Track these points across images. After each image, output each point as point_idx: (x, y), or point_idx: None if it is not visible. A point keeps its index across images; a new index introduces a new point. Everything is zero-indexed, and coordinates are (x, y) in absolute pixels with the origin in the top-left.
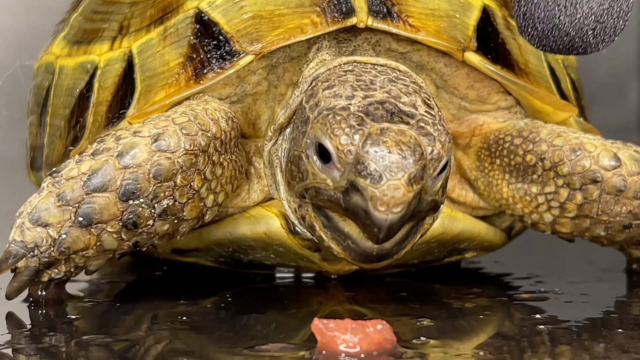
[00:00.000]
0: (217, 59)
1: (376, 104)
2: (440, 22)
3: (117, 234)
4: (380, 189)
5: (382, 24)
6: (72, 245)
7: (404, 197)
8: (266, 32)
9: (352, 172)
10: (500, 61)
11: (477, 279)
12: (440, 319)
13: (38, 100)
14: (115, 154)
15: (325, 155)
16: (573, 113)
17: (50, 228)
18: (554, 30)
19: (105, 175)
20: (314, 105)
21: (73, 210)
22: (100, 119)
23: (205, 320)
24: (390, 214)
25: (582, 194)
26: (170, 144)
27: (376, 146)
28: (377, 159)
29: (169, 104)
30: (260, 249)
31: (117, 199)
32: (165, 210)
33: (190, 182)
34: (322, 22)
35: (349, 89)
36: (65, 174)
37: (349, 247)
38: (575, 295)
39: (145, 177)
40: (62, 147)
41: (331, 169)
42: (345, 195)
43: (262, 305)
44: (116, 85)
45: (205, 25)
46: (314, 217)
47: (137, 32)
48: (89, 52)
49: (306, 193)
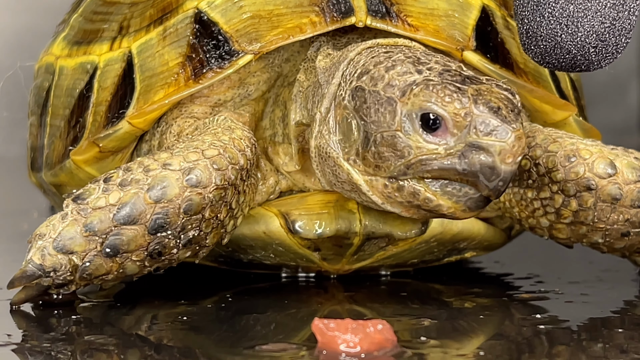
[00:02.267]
0: (216, 59)
1: (445, 73)
2: (439, 22)
3: (141, 262)
4: (508, 141)
5: (381, 24)
6: (94, 272)
7: (525, 144)
8: (265, 32)
9: (473, 133)
10: (499, 60)
11: (477, 278)
12: (441, 319)
13: (38, 101)
14: (145, 187)
15: (432, 125)
16: (572, 112)
17: (74, 255)
18: (556, 48)
19: (135, 209)
20: (387, 86)
21: (99, 240)
22: (100, 119)
23: (205, 320)
24: (514, 165)
25: (576, 200)
26: (202, 180)
27: (487, 104)
28: (494, 115)
29: (168, 104)
30: (259, 249)
31: (145, 232)
32: (190, 240)
33: (217, 214)
34: (320, 22)
35: (410, 65)
36: (92, 203)
37: (465, 195)
38: (575, 295)
39: (176, 211)
40: (62, 147)
41: (441, 136)
42: (463, 159)
43: (262, 305)
44: (116, 86)
45: (204, 25)
46: (417, 182)
47: (136, 33)
48: (89, 52)
49: (408, 169)
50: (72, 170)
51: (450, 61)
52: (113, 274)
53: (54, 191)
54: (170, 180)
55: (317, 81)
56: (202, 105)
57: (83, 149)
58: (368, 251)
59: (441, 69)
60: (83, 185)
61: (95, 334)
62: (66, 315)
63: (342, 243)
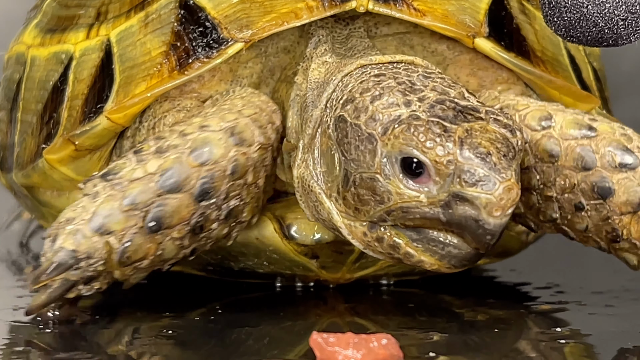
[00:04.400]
0: (203, 48)
1: (438, 105)
2: (447, 6)
3: (181, 241)
4: (495, 193)
5: (384, 8)
6: (132, 254)
7: (517, 196)
8: (257, 18)
9: (456, 183)
10: (515, 48)
11: (491, 288)
12: (451, 332)
13: (8, 94)
14: (187, 151)
15: (414, 170)
16: (595, 105)
17: (112, 236)
18: (582, 20)
19: (180, 174)
20: (370, 120)
21: (141, 215)
22: (76, 114)
23: (192, 334)
24: (504, 217)
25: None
26: (246, 138)
27: (475, 150)
28: (481, 163)
29: (150, 97)
30: (252, 256)
31: (190, 200)
32: (231, 212)
33: (257, 180)
34: (318, 6)
35: (399, 95)
36: (127, 176)
37: (449, 254)
38: (599, 306)
39: (222, 174)
40: (34, 145)
41: (424, 183)
42: (446, 209)
43: (254, 318)
44: (93, 77)
45: (190, 11)
46: (396, 235)
47: (115, 19)
48: (64, 41)
49: (388, 216)
50: (46, 170)
51: (452, 84)
52: (149, 258)
53: (25, 194)
54: (213, 141)
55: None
56: (193, 100)
57: (57, 147)
58: (371, 258)
59: (435, 99)
60: (58, 187)
61: (69, 350)
62: (40, 330)
63: (343, 249)
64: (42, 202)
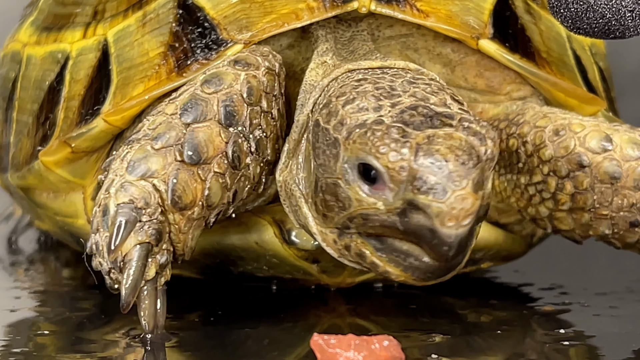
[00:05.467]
0: (202, 49)
1: (409, 111)
2: (451, 6)
3: (223, 178)
4: (447, 202)
5: (386, 9)
6: (182, 194)
7: (472, 206)
8: (257, 19)
9: (409, 190)
10: (520, 49)
11: (494, 290)
12: (453, 334)
13: (3, 93)
14: (199, 85)
15: (372, 176)
16: (601, 107)
17: (154, 178)
18: (589, 11)
19: (199, 103)
20: (338, 124)
21: (177, 149)
22: (73, 116)
23: (191, 336)
24: (460, 228)
25: (571, 182)
26: (251, 62)
27: (430, 157)
28: (435, 170)
29: (148, 100)
30: (251, 260)
31: (219, 127)
32: (258, 144)
33: (271, 109)
34: (319, 7)
35: (372, 99)
36: (149, 126)
37: (411, 266)
38: (603, 308)
39: (239, 97)
40: (30, 146)
41: (381, 190)
42: (403, 217)
43: (254, 319)
44: (90, 78)
45: (189, 11)
46: (362, 244)
47: (113, 18)
48: (60, 40)
49: (351, 222)
50: (42, 172)
51: (437, 91)
52: (198, 205)
53: (21, 195)
54: (220, 71)
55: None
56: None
57: (53, 149)
58: None
59: (409, 104)
60: (54, 189)
61: (65, 352)
62: (37, 330)
63: None
64: (38, 203)
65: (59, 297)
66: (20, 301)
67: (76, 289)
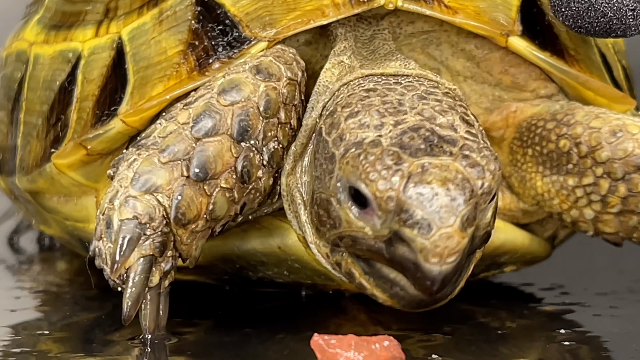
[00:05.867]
0: (224, 47)
1: (410, 132)
2: (479, 2)
3: (230, 192)
4: (431, 239)
5: (414, 5)
6: (187, 210)
7: (458, 245)
8: (280, 15)
9: (396, 221)
10: (549, 47)
11: (495, 290)
12: (454, 334)
13: (8, 93)
14: (215, 94)
15: (362, 200)
16: (631, 106)
17: (159, 194)
18: (590, 10)
19: (213, 116)
20: (337, 138)
21: (184, 164)
22: (87, 117)
23: (206, 345)
24: (445, 265)
25: (625, 185)
26: (273, 72)
27: (420, 188)
28: (422, 204)
29: (169, 99)
30: (272, 265)
31: (230, 142)
32: (272, 156)
33: (290, 120)
34: (344, 3)
35: (375, 115)
36: (159, 133)
37: (396, 295)
38: (604, 307)
39: (255, 111)
40: (40, 148)
41: (370, 215)
42: (389, 246)
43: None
44: (104, 77)
45: (208, 8)
46: (351, 263)
47: (127, 16)
48: (70, 38)
49: (340, 242)
50: (54, 175)
51: (448, 109)
52: (203, 218)
53: (28, 199)
54: (240, 79)
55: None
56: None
57: (68, 151)
58: None
59: (412, 124)
60: (65, 192)
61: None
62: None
63: None
64: (47, 208)
65: (59, 297)
66: (21, 301)
67: (77, 289)
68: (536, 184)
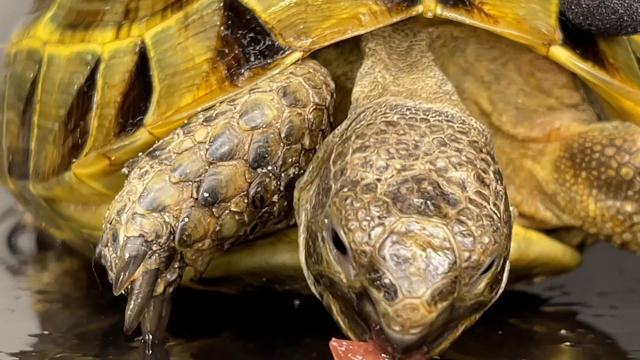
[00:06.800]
0: (256, 56)
1: (412, 183)
2: (518, 9)
3: (240, 215)
4: (393, 307)
5: (453, 13)
6: (193, 232)
7: (423, 319)
8: (315, 23)
9: (366, 278)
10: (590, 56)
11: None
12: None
13: (19, 93)
14: (236, 115)
15: (342, 246)
16: None
17: (166, 213)
18: (600, 7)
19: (231, 140)
20: (339, 171)
21: (194, 185)
22: (109, 125)
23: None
24: (407, 335)
25: None
26: (300, 98)
27: (396, 249)
28: (393, 268)
29: (200, 111)
30: (301, 279)
31: (245, 167)
32: (291, 181)
33: (315, 146)
34: (382, 12)
35: (383, 155)
36: (174, 148)
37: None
38: (604, 308)
39: (276, 138)
40: (57, 155)
41: (347, 263)
42: (359, 300)
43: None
44: (127, 84)
45: (237, 13)
46: (331, 299)
47: (149, 18)
48: (88, 39)
49: (321, 278)
50: (73, 184)
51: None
52: (209, 237)
53: (42, 204)
54: (265, 102)
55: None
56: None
57: (90, 161)
58: None
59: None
60: (84, 201)
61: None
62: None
63: None
64: (63, 215)
65: (59, 298)
66: (21, 301)
67: (76, 289)
68: (588, 207)
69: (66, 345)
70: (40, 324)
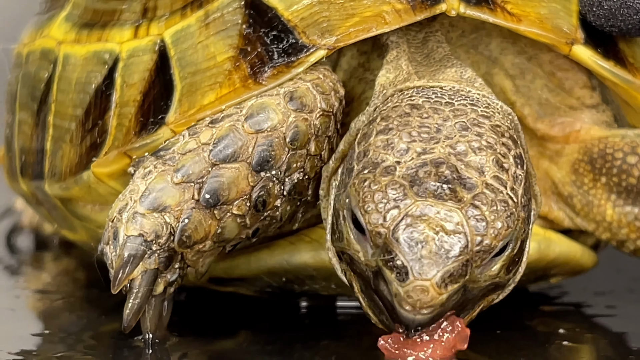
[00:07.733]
0: (279, 54)
1: (430, 167)
2: (540, 8)
3: (242, 218)
4: (404, 288)
5: (477, 12)
6: (193, 233)
7: (433, 300)
8: (339, 22)
9: (380, 259)
10: (611, 55)
11: None
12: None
13: (33, 93)
14: (242, 117)
15: (360, 225)
16: None
17: (166, 213)
18: (622, 7)
19: (235, 142)
20: (362, 152)
21: (196, 187)
22: (129, 123)
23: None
24: (418, 315)
25: None
26: (307, 103)
27: (409, 232)
28: (406, 250)
29: (224, 110)
30: (321, 279)
31: (248, 171)
32: (295, 186)
33: (321, 152)
34: (406, 10)
35: (405, 138)
36: (179, 149)
37: (383, 322)
38: (602, 307)
39: (281, 142)
40: (74, 155)
41: (365, 242)
42: (375, 278)
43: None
44: (147, 82)
45: (259, 11)
46: (353, 277)
47: (168, 17)
48: (105, 38)
49: (343, 255)
50: (91, 184)
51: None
52: (210, 239)
53: (56, 205)
54: (271, 106)
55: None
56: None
57: (110, 160)
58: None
59: (438, 157)
60: (102, 201)
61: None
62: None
63: None
64: (79, 215)
65: (59, 297)
66: (20, 301)
67: (76, 288)
68: (606, 211)
69: (67, 344)
70: (41, 323)
